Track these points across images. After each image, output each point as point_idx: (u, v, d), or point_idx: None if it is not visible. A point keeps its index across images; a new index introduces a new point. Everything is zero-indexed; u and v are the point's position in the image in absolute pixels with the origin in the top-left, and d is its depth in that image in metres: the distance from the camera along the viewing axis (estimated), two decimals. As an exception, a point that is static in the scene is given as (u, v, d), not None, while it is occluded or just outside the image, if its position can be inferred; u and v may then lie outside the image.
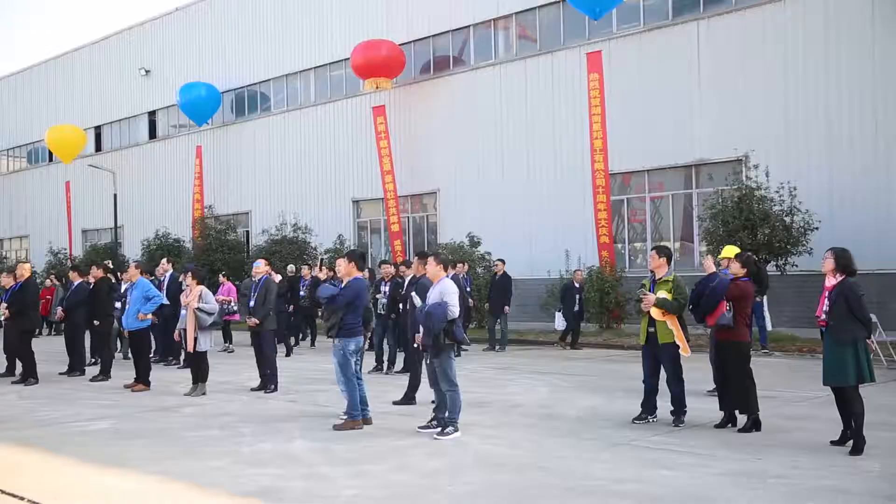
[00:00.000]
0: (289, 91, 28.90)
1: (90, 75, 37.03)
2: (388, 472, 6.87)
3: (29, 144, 40.80)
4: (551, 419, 9.18)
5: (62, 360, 14.56)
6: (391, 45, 23.88)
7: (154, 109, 34.14)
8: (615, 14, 20.56)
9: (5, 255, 40.10)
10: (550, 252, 20.63)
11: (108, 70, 36.00)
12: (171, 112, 33.14)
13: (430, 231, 25.06)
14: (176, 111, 32.12)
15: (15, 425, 9.38)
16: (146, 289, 12.47)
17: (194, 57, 31.78)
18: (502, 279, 17.26)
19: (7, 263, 36.04)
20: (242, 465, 7.17)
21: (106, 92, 36.04)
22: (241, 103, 30.60)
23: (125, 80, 34.94)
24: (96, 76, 36.67)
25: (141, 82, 34.15)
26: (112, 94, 35.73)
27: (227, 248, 26.73)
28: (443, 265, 8.52)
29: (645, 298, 8.56)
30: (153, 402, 10.95)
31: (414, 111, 24.83)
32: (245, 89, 30.30)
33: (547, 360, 15.22)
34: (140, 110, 34.64)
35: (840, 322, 7.32)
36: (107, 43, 36.46)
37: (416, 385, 10.36)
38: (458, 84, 24.04)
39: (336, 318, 8.65)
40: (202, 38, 31.74)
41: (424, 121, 24.62)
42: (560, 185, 21.52)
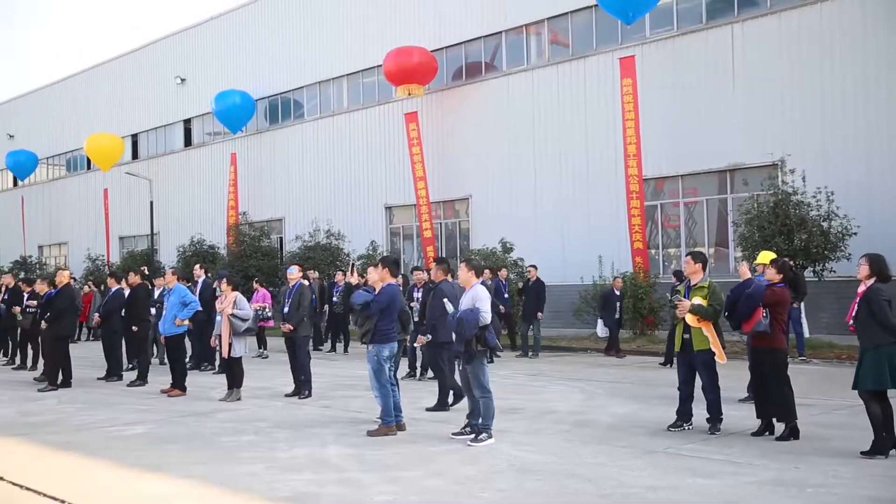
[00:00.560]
0: (321, 98, 29.09)
1: (127, 84, 37.57)
2: (422, 479, 6.87)
3: (68, 153, 41.48)
4: (585, 426, 9.13)
5: (100, 365, 14.77)
6: (423, 52, 23.95)
7: (189, 117, 34.56)
8: (648, 18, 20.45)
9: (45, 261, 40.76)
10: (583, 258, 20.54)
11: (144, 79, 36.51)
12: (205, 120, 33.52)
13: (462, 237, 25.07)
14: (210, 119, 32.49)
15: (54, 429, 9.52)
16: (183, 294, 12.60)
17: (228, 65, 32.12)
18: (535, 285, 17.20)
19: (47, 270, 36.69)
20: (277, 471, 7.20)
21: (142, 100, 36.55)
22: (275, 110, 30.87)
23: (161, 88, 35.41)
24: (133, 85, 37.20)
25: (176, 91, 34.60)
26: (148, 103, 36.23)
27: (261, 255, 26.96)
28: (474, 271, 8.51)
29: (680, 305, 8.49)
30: (189, 407, 11.05)
31: (446, 117, 24.87)
32: (278, 97, 30.56)
33: (580, 367, 15.15)
34: (175, 118, 35.08)
35: (862, 327, 7.34)
36: (143, 52, 36.99)
37: (447, 390, 10.37)
38: (490, 90, 24.04)
39: (370, 324, 8.67)
40: (236, 47, 32.08)
41: (456, 127, 24.65)
42: (593, 190, 21.42)
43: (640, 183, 19.27)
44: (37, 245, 42.45)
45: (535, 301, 16.98)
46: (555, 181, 22.27)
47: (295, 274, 12.10)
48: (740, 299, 8.58)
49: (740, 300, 8.57)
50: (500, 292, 17.26)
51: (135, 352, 14.66)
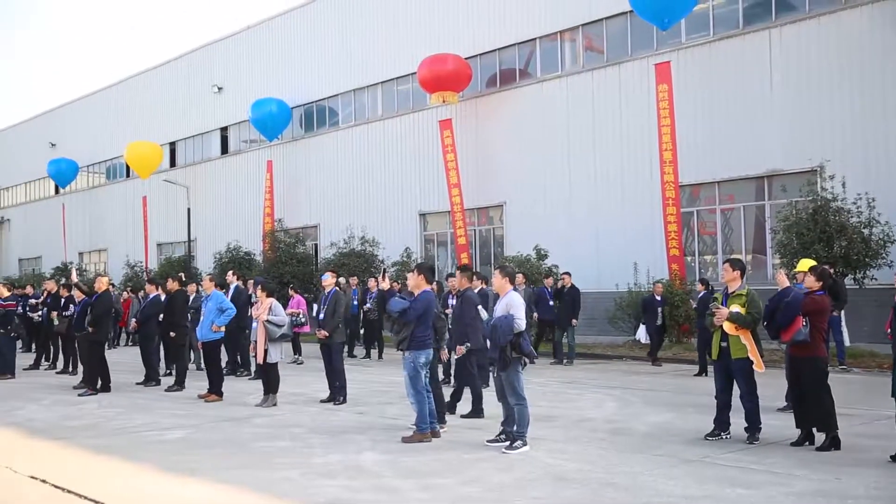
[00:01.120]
0: (356, 105, 29.26)
1: (165, 93, 38.10)
2: (457, 486, 6.87)
3: (107, 161, 42.13)
4: (620, 434, 9.07)
5: (138, 371, 14.97)
6: (457, 59, 23.99)
7: (226, 125, 34.93)
8: (683, 24, 20.31)
9: (85, 268, 41.38)
10: (618, 265, 20.41)
11: (182, 87, 37.01)
12: (241, 127, 33.86)
13: (496, 244, 25.04)
14: (247, 126, 32.82)
15: (94, 433, 9.66)
16: (220, 301, 12.73)
17: (264, 73, 32.43)
18: (570, 292, 17.13)
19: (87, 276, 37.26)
20: (313, 476, 7.24)
21: (180, 109, 37.04)
22: (310, 118, 31.10)
23: (198, 96, 35.85)
24: (171, 94, 37.71)
25: (213, 99, 35.00)
26: (186, 111, 36.70)
27: (296, 261, 27.14)
28: (509, 278, 8.50)
29: (717, 312, 8.40)
30: (225, 412, 11.15)
31: (480, 124, 24.88)
32: (314, 104, 30.78)
33: (615, 374, 15.05)
34: (212, 126, 35.48)
35: None
36: (181, 61, 37.50)
37: (480, 397, 10.36)
38: (525, 97, 24.01)
39: (407, 331, 8.69)
40: (272, 56, 32.39)
41: (491, 134, 24.65)
42: (628, 197, 21.29)
43: (676, 189, 19.12)
44: (77, 251, 43.12)
45: (570, 308, 16.91)
46: (589, 188, 22.18)
47: (329, 280, 12.15)
48: (779, 308, 8.46)
49: (779, 309, 8.46)
50: (544, 300, 17.21)
51: (172, 357, 14.83)
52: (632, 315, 19.13)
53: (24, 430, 9.92)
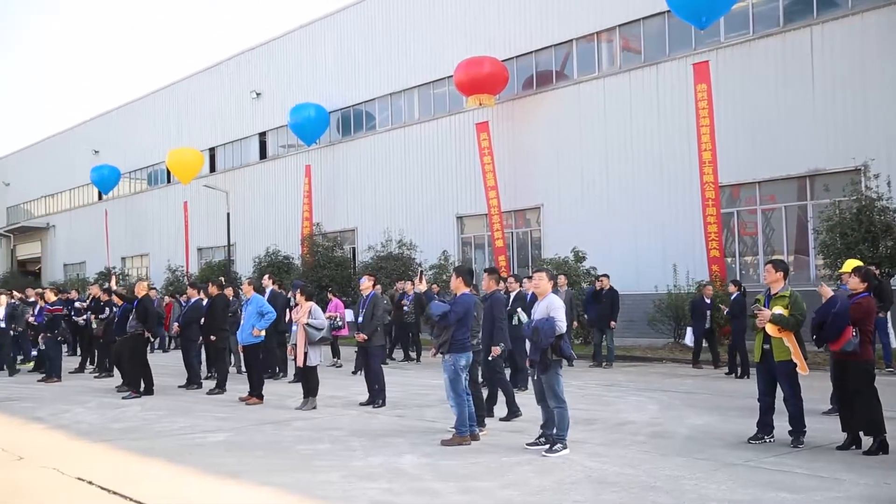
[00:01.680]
0: (393, 109, 29.36)
1: (205, 99, 38.60)
2: (497, 489, 6.85)
3: (149, 167, 42.76)
4: (662, 437, 8.98)
5: (180, 374, 15.17)
6: (494, 62, 23.98)
7: (264, 130, 35.25)
8: (722, 22, 20.08)
9: (127, 272, 42.04)
10: (657, 266, 20.23)
11: (221, 94, 37.45)
12: (279, 133, 34.17)
13: (533, 246, 24.97)
14: (285, 132, 33.11)
15: (138, 435, 9.81)
16: (260, 304, 12.85)
17: (301, 79, 32.70)
18: (608, 294, 17.03)
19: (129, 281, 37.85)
20: (353, 479, 7.27)
21: (220, 115, 37.48)
22: (347, 122, 31.28)
23: (237, 102, 36.24)
24: (211, 100, 38.19)
25: (252, 105, 35.36)
26: (225, 117, 37.13)
27: (334, 265, 27.31)
28: (551, 280, 8.49)
29: (760, 314, 8.29)
30: (266, 415, 11.25)
31: (517, 127, 24.84)
32: (350, 109, 30.96)
33: (655, 377, 14.91)
34: (251, 132, 35.84)
35: None
36: (220, 68, 37.95)
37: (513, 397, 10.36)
38: (562, 98, 23.92)
39: (447, 334, 8.70)
40: (309, 61, 32.65)
41: (528, 136, 24.59)
42: (667, 198, 21.11)
43: (715, 190, 18.91)
44: (120, 256, 43.81)
45: (609, 310, 16.82)
46: (627, 189, 22.02)
47: (367, 284, 12.20)
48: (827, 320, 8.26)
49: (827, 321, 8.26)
50: (614, 303, 17.14)
51: (213, 361, 15.01)
52: (671, 317, 18.96)
53: (71, 433, 10.11)
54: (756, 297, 8.77)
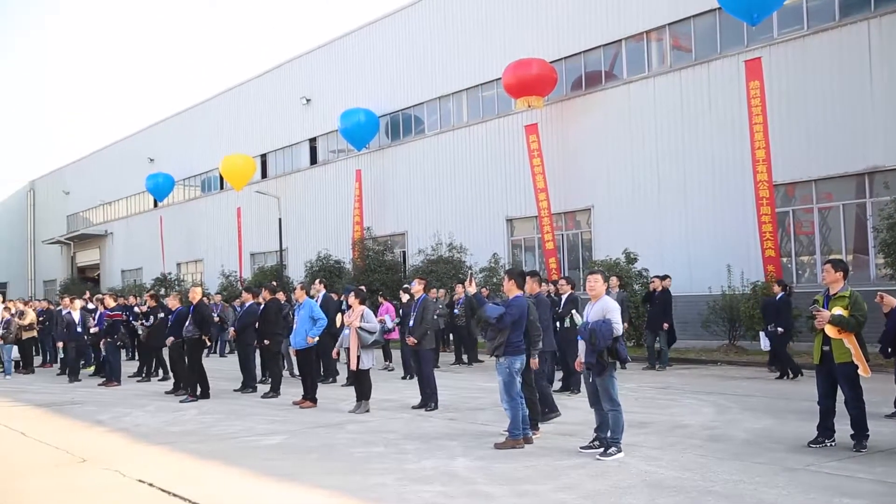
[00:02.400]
0: (442, 112, 29.43)
1: (256, 106, 39.12)
2: (551, 492, 6.82)
3: (202, 174, 43.49)
4: (718, 441, 8.84)
5: (235, 378, 15.39)
6: (542, 63, 23.88)
7: (314, 136, 35.60)
8: (775, 18, 19.73)
9: (182, 278, 42.79)
10: (711, 267, 19.94)
11: (272, 100, 37.93)
12: (329, 138, 34.48)
13: (584, 248, 24.80)
14: (335, 137, 33.42)
15: (195, 438, 9.97)
16: (312, 309, 12.97)
17: (350, 84, 32.95)
18: (661, 296, 16.84)
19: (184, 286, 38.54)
20: (407, 482, 7.30)
21: (270, 121, 37.97)
22: (396, 126, 31.44)
23: (288, 109, 36.67)
24: (262, 107, 38.70)
25: (302, 111, 35.75)
26: (276, 124, 37.59)
27: (384, 269, 27.45)
28: (571, 283, 8.45)
29: (819, 315, 8.12)
30: (320, 418, 11.35)
31: (566, 128, 24.70)
32: (399, 113, 31.10)
33: (710, 380, 14.68)
34: (301, 137, 36.23)
35: None
36: (270, 75, 38.44)
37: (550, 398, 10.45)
38: (611, 99, 23.72)
39: (502, 337, 8.69)
40: (357, 66, 32.88)
41: (577, 137, 24.44)
42: (719, 197, 20.79)
43: (770, 188, 18.57)
44: (175, 262, 44.62)
45: (662, 312, 16.64)
46: (679, 189, 21.74)
47: (417, 287, 12.23)
48: None
49: None
50: (666, 305, 16.98)
51: (267, 364, 15.19)
52: (726, 319, 18.66)
53: (131, 435, 10.33)
54: (815, 297, 8.58)
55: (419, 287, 12.18)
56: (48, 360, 22.04)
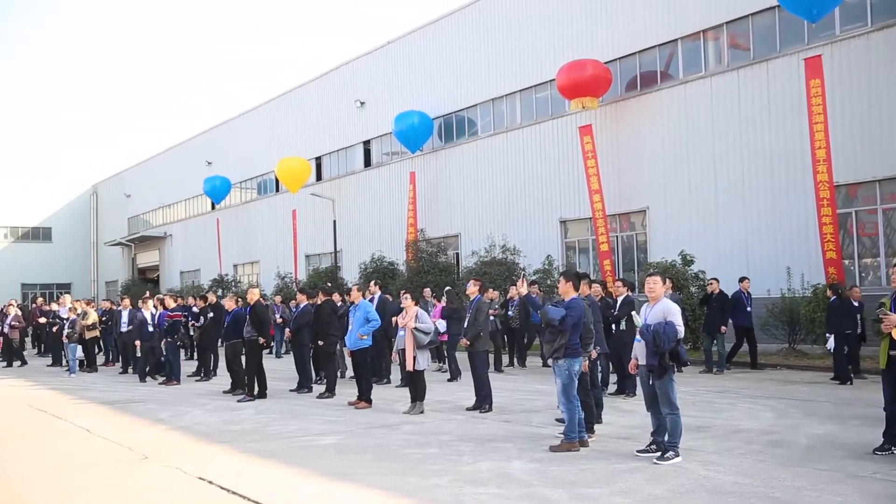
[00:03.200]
0: (495, 114, 29.39)
1: (311, 109, 39.54)
2: (609, 496, 6.76)
3: (258, 177, 44.09)
4: (779, 446, 8.68)
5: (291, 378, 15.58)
6: (596, 64, 23.70)
7: (368, 139, 35.85)
8: (837, 15, 19.30)
9: (239, 279, 43.43)
10: (770, 270, 19.58)
11: (327, 104, 38.30)
12: (383, 140, 34.68)
13: (639, 250, 24.54)
14: (388, 139, 33.60)
15: (253, 438, 10.12)
16: (367, 310, 13.07)
17: (404, 87, 33.11)
18: (718, 298, 16.60)
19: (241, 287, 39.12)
20: (462, 484, 7.30)
21: (325, 124, 38.33)
22: (450, 128, 31.48)
23: (342, 112, 36.99)
24: (317, 110, 39.10)
25: (356, 113, 36.03)
26: (330, 126, 37.94)
27: (438, 270, 27.50)
28: (628, 286, 8.36)
29: (885, 319, 7.91)
30: (375, 419, 11.42)
31: (621, 129, 24.48)
32: (453, 115, 31.14)
33: (770, 384, 14.41)
34: (356, 140, 36.50)
35: None
36: (325, 79, 38.81)
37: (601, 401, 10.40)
38: (667, 99, 23.44)
39: (563, 339, 8.64)
40: (411, 69, 33.03)
41: (632, 138, 24.20)
42: (778, 198, 20.40)
43: (831, 189, 18.15)
44: (232, 264, 45.32)
45: (719, 315, 16.39)
46: (737, 190, 21.39)
47: (472, 289, 12.22)
48: None
49: None
50: (741, 305, 16.74)
51: (322, 365, 15.33)
52: (786, 322, 18.31)
53: (190, 434, 10.53)
54: (881, 300, 8.36)
55: (474, 288, 12.14)
56: (110, 359, 22.59)
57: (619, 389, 13.09)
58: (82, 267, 65.31)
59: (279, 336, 23.38)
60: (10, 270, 60.42)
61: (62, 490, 7.61)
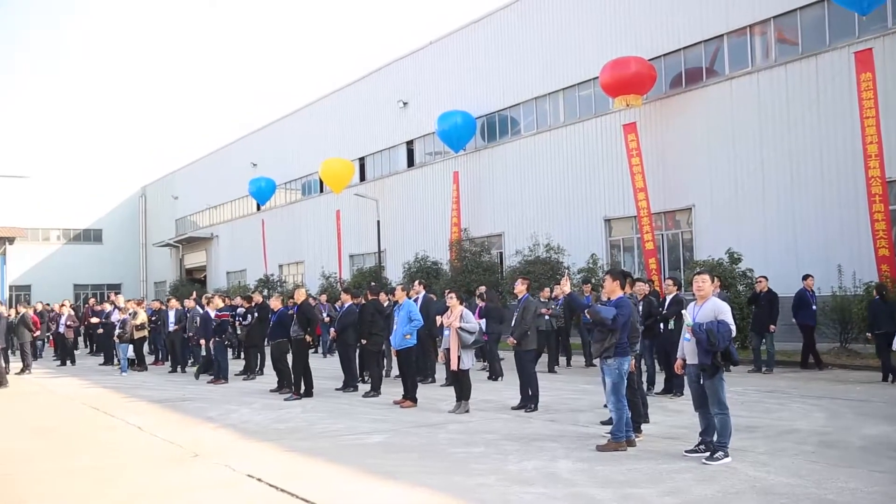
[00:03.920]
0: (538, 113, 29.28)
1: (354, 110, 39.79)
2: (657, 497, 6.70)
3: (302, 178, 44.49)
4: (831, 447, 8.52)
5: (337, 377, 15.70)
6: (640, 61, 23.47)
7: (411, 139, 35.96)
8: (889, 6, 18.88)
9: (284, 279, 43.87)
10: (819, 267, 19.20)
11: (369, 104, 38.50)
12: (426, 140, 34.76)
13: (684, 248, 24.27)
14: (431, 139, 33.68)
15: (300, 436, 10.21)
16: (411, 310, 13.11)
17: (446, 87, 33.14)
18: (766, 297, 16.35)
19: (286, 287, 39.52)
20: (509, 483, 7.30)
21: (368, 125, 38.54)
22: (493, 128, 31.44)
23: (385, 112, 37.16)
24: (360, 111, 39.33)
25: (399, 114, 36.17)
26: (374, 127, 38.13)
27: (482, 270, 27.47)
28: (678, 284, 8.26)
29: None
30: (420, 418, 11.46)
31: (666, 126, 24.23)
32: (496, 114, 31.10)
33: (820, 384, 14.15)
34: (399, 140, 36.64)
35: None
36: (368, 80, 39.03)
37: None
38: (712, 95, 23.13)
39: (614, 338, 8.59)
40: (453, 69, 33.06)
41: (677, 135, 23.94)
42: (828, 195, 20.02)
43: (883, 185, 17.77)
44: (277, 264, 45.78)
45: (768, 313, 16.14)
46: (785, 187, 21.04)
47: (520, 288, 12.17)
48: None
49: None
50: (805, 303, 16.50)
51: (366, 364, 15.42)
52: (837, 321, 17.97)
53: (239, 432, 10.66)
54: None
55: (522, 287, 12.07)
56: (160, 358, 22.97)
57: (666, 389, 12.97)
58: (132, 268, 66.56)
59: (325, 335, 23.55)
60: (63, 271, 61.80)
61: (118, 486, 7.76)
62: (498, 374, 16.16)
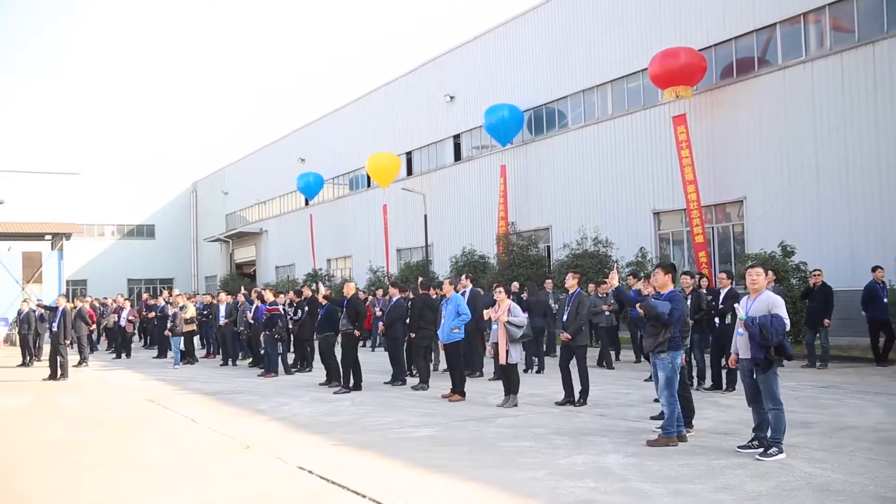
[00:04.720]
0: (586, 106, 29.05)
1: (401, 105, 39.93)
2: (709, 492, 6.62)
3: (350, 173, 44.79)
4: (890, 444, 8.34)
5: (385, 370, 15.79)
6: (690, 52, 23.14)
7: (458, 133, 35.94)
8: (949, -8, 18.36)
9: (332, 273, 44.23)
10: (875, 260, 18.73)
11: (416, 99, 38.59)
12: (473, 134, 34.73)
13: (735, 241, 23.90)
14: (478, 133, 33.64)
15: (350, 429, 10.29)
16: (458, 304, 13.13)
17: (493, 80, 33.06)
18: (821, 290, 16.03)
19: (334, 282, 39.83)
20: (559, 477, 7.27)
21: (415, 119, 38.64)
22: (540, 121, 31.27)
23: (432, 106, 37.21)
24: (406, 105, 39.45)
25: (446, 108, 36.18)
26: (420, 121, 38.22)
27: (529, 264, 27.38)
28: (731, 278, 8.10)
29: None
30: (469, 412, 11.47)
31: (716, 117, 23.87)
32: (543, 108, 30.94)
33: (877, 379, 13.85)
34: (445, 134, 36.65)
35: None
36: (414, 74, 39.12)
37: None
38: (764, 86, 22.71)
39: (668, 332, 8.51)
40: (499, 63, 32.95)
41: (728, 127, 23.56)
42: (885, 186, 19.54)
43: (943, 176, 17.31)
44: (325, 258, 46.17)
45: (822, 308, 15.84)
46: (840, 178, 20.59)
47: (571, 282, 12.08)
48: None
49: None
50: (877, 297, 16.17)
51: (414, 358, 15.48)
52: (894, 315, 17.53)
53: (289, 424, 10.79)
54: None
55: (573, 281, 11.98)
56: (211, 351, 23.34)
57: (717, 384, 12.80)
58: (183, 262, 67.69)
59: (376, 330, 23.69)
60: (117, 266, 63.09)
61: (173, 476, 7.90)
62: (540, 367, 16.15)
